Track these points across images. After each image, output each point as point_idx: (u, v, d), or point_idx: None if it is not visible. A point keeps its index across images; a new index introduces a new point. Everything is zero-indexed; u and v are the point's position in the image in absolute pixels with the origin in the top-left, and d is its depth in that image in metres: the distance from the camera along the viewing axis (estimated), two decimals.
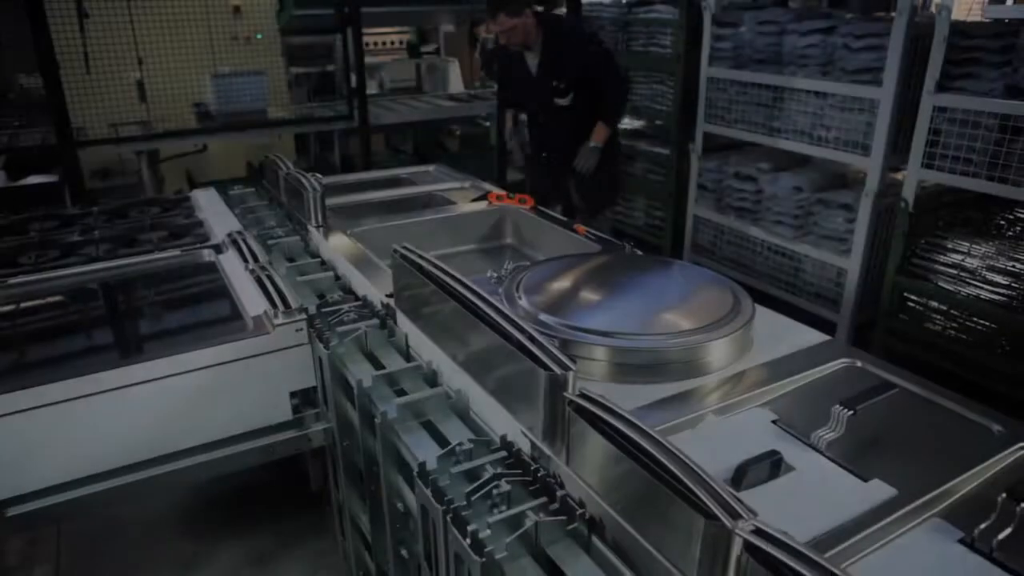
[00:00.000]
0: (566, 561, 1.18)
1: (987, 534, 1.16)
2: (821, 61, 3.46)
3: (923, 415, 1.52)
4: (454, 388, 1.63)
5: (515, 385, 1.42)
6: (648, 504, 1.11)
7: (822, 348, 1.77)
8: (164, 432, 1.85)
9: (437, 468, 1.35)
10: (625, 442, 1.15)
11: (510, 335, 1.41)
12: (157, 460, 1.84)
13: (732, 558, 0.98)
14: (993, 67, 2.87)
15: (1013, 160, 2.83)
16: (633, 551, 1.15)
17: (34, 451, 1.72)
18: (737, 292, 1.85)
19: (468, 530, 1.19)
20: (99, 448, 1.77)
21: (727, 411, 1.53)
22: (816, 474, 1.34)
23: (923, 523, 1.23)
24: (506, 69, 3.83)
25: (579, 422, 1.25)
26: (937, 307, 3.27)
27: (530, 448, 1.39)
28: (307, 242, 2.65)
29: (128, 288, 2.41)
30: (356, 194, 3.22)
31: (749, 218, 4.05)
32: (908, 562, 1.15)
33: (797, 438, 1.44)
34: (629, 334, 1.64)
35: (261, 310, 2.00)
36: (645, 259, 2.28)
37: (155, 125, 5.00)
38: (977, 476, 1.31)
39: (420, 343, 1.81)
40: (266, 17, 6.33)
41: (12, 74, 6.89)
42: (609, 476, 1.20)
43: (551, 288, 1.90)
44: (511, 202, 2.99)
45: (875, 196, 3.38)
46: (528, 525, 1.19)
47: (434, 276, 1.70)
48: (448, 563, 1.30)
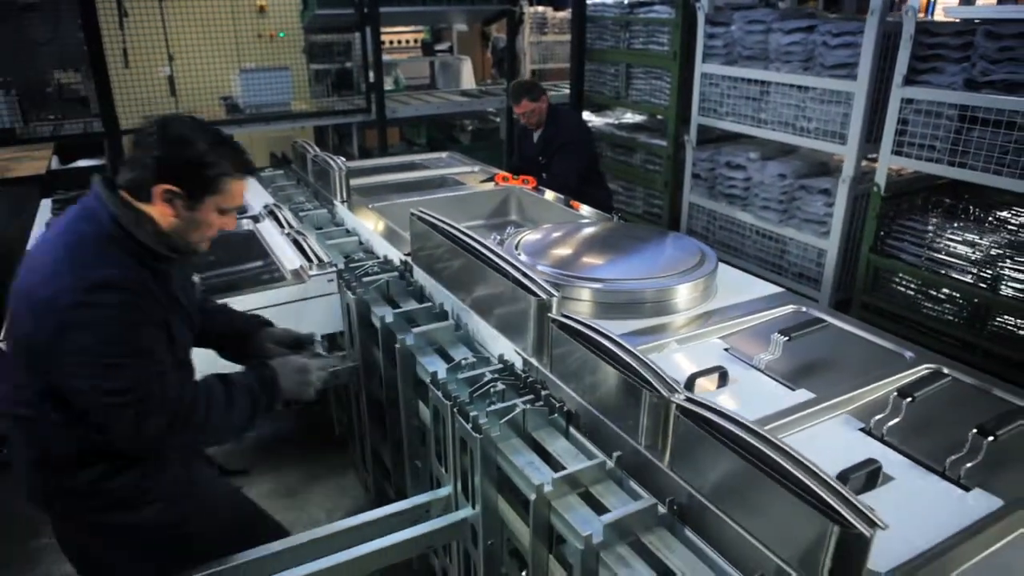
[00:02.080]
0: (548, 441, 1.50)
1: (880, 423, 1.47)
2: (802, 57, 3.76)
3: (849, 344, 1.83)
4: (461, 323, 1.96)
5: (511, 314, 1.74)
6: (613, 394, 1.43)
7: (775, 297, 2.08)
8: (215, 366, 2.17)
9: (446, 377, 1.68)
10: (597, 350, 1.47)
11: (507, 272, 1.74)
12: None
13: (670, 422, 1.29)
14: (954, 62, 3.15)
15: (971, 147, 3.12)
16: (600, 432, 1.47)
17: None
18: (704, 250, 2.16)
19: (470, 416, 1.51)
20: None
21: (687, 341, 1.84)
22: (754, 384, 1.65)
23: (834, 418, 1.54)
24: (520, 137, 4.38)
25: (561, 336, 1.56)
26: (906, 283, 3.56)
27: (522, 364, 1.71)
28: (333, 215, 2.98)
29: None
30: (376, 176, 3.56)
31: (739, 204, 4.34)
32: (819, 443, 1.46)
33: (743, 360, 1.75)
34: (609, 279, 1.96)
35: (297, 264, 2.33)
36: (628, 225, 2.59)
37: None
38: (883, 387, 1.61)
39: (434, 290, 2.13)
40: (289, 16, 6.70)
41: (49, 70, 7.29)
42: (584, 377, 1.52)
43: (546, 245, 2.22)
44: (516, 182, 3.31)
45: (851, 182, 3.66)
46: (517, 412, 1.50)
47: (446, 232, 2.03)
48: (455, 450, 1.62)
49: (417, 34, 8.73)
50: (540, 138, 4.06)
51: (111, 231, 1.42)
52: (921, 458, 1.39)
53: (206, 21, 5.63)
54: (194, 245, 1.55)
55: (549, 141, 3.99)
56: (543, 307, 1.61)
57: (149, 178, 1.43)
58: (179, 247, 1.52)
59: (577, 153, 3.98)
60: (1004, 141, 3.01)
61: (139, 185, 1.44)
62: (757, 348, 1.77)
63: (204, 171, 1.46)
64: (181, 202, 1.46)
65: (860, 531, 0.99)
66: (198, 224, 1.51)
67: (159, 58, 5.69)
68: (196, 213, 1.49)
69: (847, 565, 1.02)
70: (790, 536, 1.08)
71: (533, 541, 1.38)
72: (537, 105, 3.93)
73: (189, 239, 1.52)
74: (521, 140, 4.30)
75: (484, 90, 7.08)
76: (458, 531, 1.63)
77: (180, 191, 1.45)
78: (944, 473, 1.35)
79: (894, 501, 1.28)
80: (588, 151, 4.17)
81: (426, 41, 8.72)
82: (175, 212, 1.47)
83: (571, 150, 3.96)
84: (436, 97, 6.66)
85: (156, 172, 1.43)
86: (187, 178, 1.45)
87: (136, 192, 1.45)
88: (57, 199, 3.12)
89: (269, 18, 6.72)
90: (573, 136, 4.04)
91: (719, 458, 1.18)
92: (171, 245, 1.50)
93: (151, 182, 1.43)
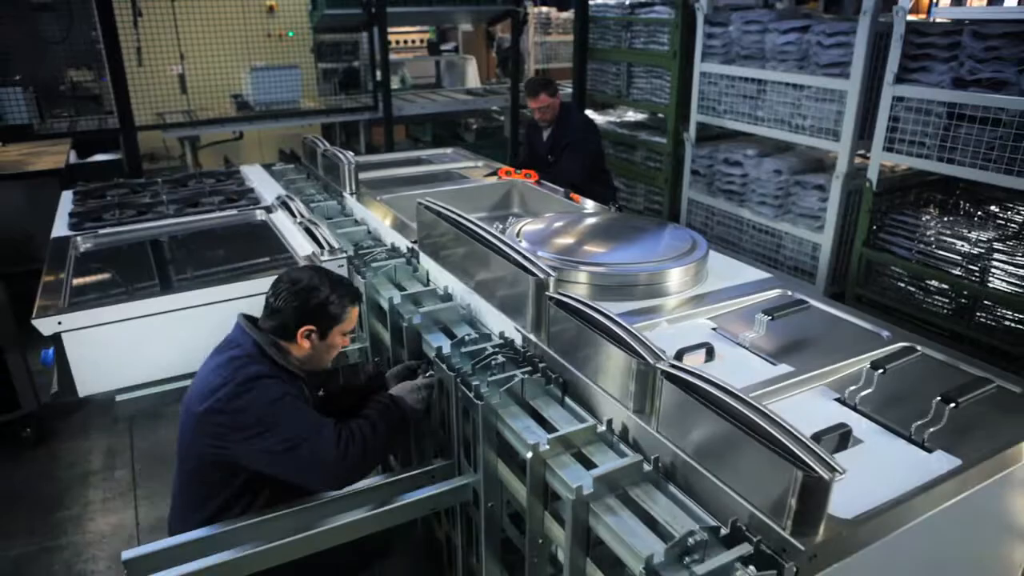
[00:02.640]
0: (544, 409, 1.61)
1: (853, 394, 1.58)
2: (797, 57, 3.87)
3: (830, 324, 1.94)
4: (463, 304, 2.08)
5: (511, 295, 1.86)
6: (604, 364, 1.54)
7: (763, 282, 2.19)
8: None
9: (450, 351, 1.79)
10: (590, 324, 1.58)
11: (508, 255, 1.85)
12: None
13: (656, 387, 1.41)
14: (943, 62, 3.25)
15: (959, 143, 3.22)
16: (593, 400, 1.58)
17: (135, 354, 2.18)
18: (696, 238, 2.27)
19: (472, 386, 1.63)
20: (183, 355, 2.22)
21: (677, 321, 1.96)
22: (738, 360, 1.76)
23: (811, 389, 1.65)
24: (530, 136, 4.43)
25: (557, 313, 1.68)
26: (898, 276, 3.66)
27: (521, 340, 1.83)
28: (343, 206, 3.10)
29: (198, 238, 2.86)
30: (383, 170, 3.68)
31: (736, 200, 4.45)
32: (796, 411, 1.56)
33: (728, 338, 1.86)
34: (606, 263, 2.07)
35: (310, 251, 2.45)
36: (624, 215, 2.71)
37: (195, 114, 5.49)
38: (859, 362, 1.72)
39: (439, 275, 2.25)
40: (298, 16, 6.83)
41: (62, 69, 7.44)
42: (579, 350, 1.63)
43: (546, 233, 2.34)
44: (518, 176, 3.43)
45: (844, 177, 3.77)
46: (515, 382, 1.62)
47: (451, 219, 2.15)
48: (458, 420, 1.74)
49: (423, 34, 8.86)
50: (549, 136, 4.17)
51: (253, 351, 1.77)
52: (889, 424, 1.50)
53: (216, 21, 5.76)
54: (324, 364, 1.93)
55: (558, 139, 4.09)
56: (541, 286, 1.73)
57: (291, 324, 1.80)
58: (314, 370, 1.91)
59: (585, 151, 4.08)
60: (991, 137, 3.12)
61: (284, 329, 1.81)
62: (743, 327, 1.88)
63: (330, 309, 1.83)
64: (316, 336, 1.83)
65: (821, 475, 1.10)
66: (329, 348, 1.89)
67: (171, 57, 5.83)
68: (327, 341, 1.86)
69: (810, 508, 1.13)
70: (761, 484, 1.19)
71: (530, 498, 1.50)
72: (553, 100, 4.04)
73: (322, 361, 1.91)
74: (531, 138, 4.40)
75: (489, 89, 7.20)
76: (461, 494, 1.75)
77: (315, 329, 1.82)
78: (910, 437, 1.46)
79: (862, 461, 1.39)
80: (595, 149, 4.26)
81: (432, 41, 8.86)
82: (311, 344, 1.83)
83: (579, 148, 4.06)
84: (441, 95, 6.78)
85: (297, 319, 1.79)
86: (319, 318, 1.81)
87: (282, 334, 1.82)
88: (78, 191, 3.24)
89: (278, 18, 6.85)
90: (581, 134, 4.13)
91: (699, 417, 1.30)
92: (307, 369, 1.87)
93: (293, 328, 1.80)
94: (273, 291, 1.84)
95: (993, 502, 1.45)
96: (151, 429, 3.16)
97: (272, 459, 1.66)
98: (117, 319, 2.14)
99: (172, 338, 2.20)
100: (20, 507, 2.68)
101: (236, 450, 1.68)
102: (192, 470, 1.81)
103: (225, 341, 1.84)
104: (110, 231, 2.80)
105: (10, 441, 2.99)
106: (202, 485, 1.78)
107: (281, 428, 1.66)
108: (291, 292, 1.80)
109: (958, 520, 1.38)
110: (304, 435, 1.66)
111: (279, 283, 1.84)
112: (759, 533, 1.18)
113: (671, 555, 1.15)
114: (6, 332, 2.86)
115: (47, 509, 2.67)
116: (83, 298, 2.20)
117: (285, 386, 1.74)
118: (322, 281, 1.84)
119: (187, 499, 1.80)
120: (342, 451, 1.67)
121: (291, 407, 1.69)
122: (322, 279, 1.85)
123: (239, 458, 1.69)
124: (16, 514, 2.64)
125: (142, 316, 2.16)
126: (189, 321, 2.21)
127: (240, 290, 2.27)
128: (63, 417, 3.24)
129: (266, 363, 1.76)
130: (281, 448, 1.64)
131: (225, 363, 1.74)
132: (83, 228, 2.79)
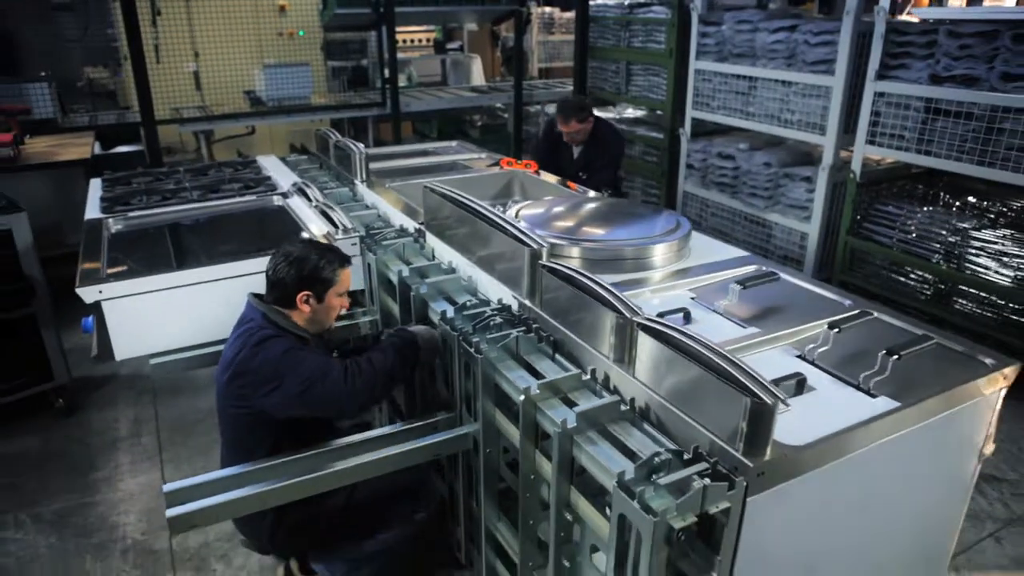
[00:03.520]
0: (536, 363, 1.81)
1: (812, 351, 1.78)
2: (786, 55, 4.06)
3: (797, 294, 2.13)
4: (466, 276, 2.28)
5: (509, 266, 2.06)
6: (589, 320, 1.74)
7: (741, 259, 2.39)
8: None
9: (454, 316, 2.00)
10: (577, 288, 1.78)
11: (506, 229, 2.06)
12: None
13: (635, 338, 1.61)
14: (920, 59, 3.45)
15: (935, 136, 3.41)
16: (579, 354, 1.78)
17: (166, 322, 2.39)
18: (680, 220, 2.47)
19: (473, 342, 1.83)
20: (209, 323, 2.43)
21: (660, 292, 2.15)
22: (711, 323, 1.96)
23: (775, 347, 1.85)
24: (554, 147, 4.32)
25: (549, 278, 1.88)
26: (880, 263, 3.85)
27: (517, 306, 2.03)
28: (354, 192, 3.31)
29: (219, 220, 3.07)
30: (391, 161, 3.88)
31: (729, 192, 4.65)
32: (760, 365, 1.74)
33: (705, 306, 2.06)
34: (596, 240, 2.27)
35: (325, 231, 2.66)
36: (614, 200, 2.91)
37: (210, 110, 5.71)
38: (819, 325, 1.91)
39: (443, 251, 2.46)
40: (309, 15, 7.05)
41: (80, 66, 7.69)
42: (568, 313, 1.83)
43: (543, 214, 2.54)
44: (519, 166, 3.63)
45: (830, 169, 3.96)
46: (511, 339, 1.82)
47: (456, 200, 2.35)
48: (460, 376, 1.95)
49: (429, 33, 9.08)
50: (581, 154, 4.12)
51: (263, 323, 1.97)
52: (841, 375, 1.70)
53: (230, 20, 5.98)
54: (327, 325, 2.14)
55: (592, 159, 4.05)
56: (535, 256, 1.93)
57: (291, 292, 2.00)
58: (318, 330, 2.11)
59: (618, 165, 4.15)
60: (964, 130, 3.31)
61: (285, 298, 2.01)
62: (718, 297, 2.07)
63: (322, 273, 2.01)
64: (314, 299, 2.02)
65: (766, 401, 1.30)
66: (328, 309, 2.08)
67: (186, 54, 6.06)
68: (325, 303, 2.05)
69: (757, 431, 1.33)
70: (719, 415, 1.39)
71: (522, 439, 1.70)
72: (584, 127, 4.01)
73: (324, 323, 2.11)
74: (558, 151, 4.25)
75: (493, 87, 7.41)
76: (462, 443, 1.95)
77: (311, 293, 2.01)
78: (858, 386, 1.65)
79: (813, 404, 1.59)
80: (621, 158, 4.29)
81: (438, 40, 9.07)
82: (311, 308, 2.03)
83: (611, 164, 4.08)
84: (447, 93, 6.99)
85: (294, 286, 1.99)
86: (314, 283, 2.00)
87: (284, 303, 2.02)
88: (106, 178, 3.45)
89: (289, 17, 7.08)
90: (614, 151, 4.14)
91: (670, 362, 1.50)
92: (313, 332, 2.07)
93: (292, 295, 2.00)
94: (271, 266, 2.03)
95: (928, 441, 1.64)
96: (173, 401, 3.37)
97: (292, 402, 1.87)
98: (151, 289, 2.34)
99: (199, 308, 2.41)
100: (57, 468, 2.90)
101: (261, 404, 1.89)
102: (231, 437, 2.05)
103: (239, 319, 2.06)
104: (138, 214, 3.01)
105: (44, 410, 3.21)
106: (240, 450, 1.99)
107: (294, 374, 1.86)
108: (286, 263, 2.00)
109: (897, 456, 1.57)
110: (314, 376, 1.87)
111: (275, 258, 2.04)
112: (717, 456, 1.38)
113: (640, 472, 1.35)
114: (43, 309, 3.08)
115: (81, 470, 2.89)
116: (119, 270, 2.42)
117: (292, 342, 1.95)
118: (312, 250, 2.05)
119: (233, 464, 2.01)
120: (350, 384, 1.89)
121: (299, 356, 1.90)
122: (312, 248, 2.06)
123: (265, 411, 1.89)
124: (54, 474, 2.86)
125: (173, 287, 2.37)
126: (214, 292, 2.41)
127: (260, 265, 2.44)
128: (92, 390, 3.45)
129: (274, 328, 1.97)
130: (297, 391, 1.85)
131: (240, 335, 1.98)
132: (114, 211, 3.00)
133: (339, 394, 1.89)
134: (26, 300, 3.03)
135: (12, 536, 2.54)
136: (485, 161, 3.87)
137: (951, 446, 1.74)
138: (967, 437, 1.76)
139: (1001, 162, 3.18)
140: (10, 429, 3.12)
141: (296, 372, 1.87)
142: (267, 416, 1.92)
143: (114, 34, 7.10)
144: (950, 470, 1.81)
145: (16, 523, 2.61)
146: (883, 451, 1.54)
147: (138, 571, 2.40)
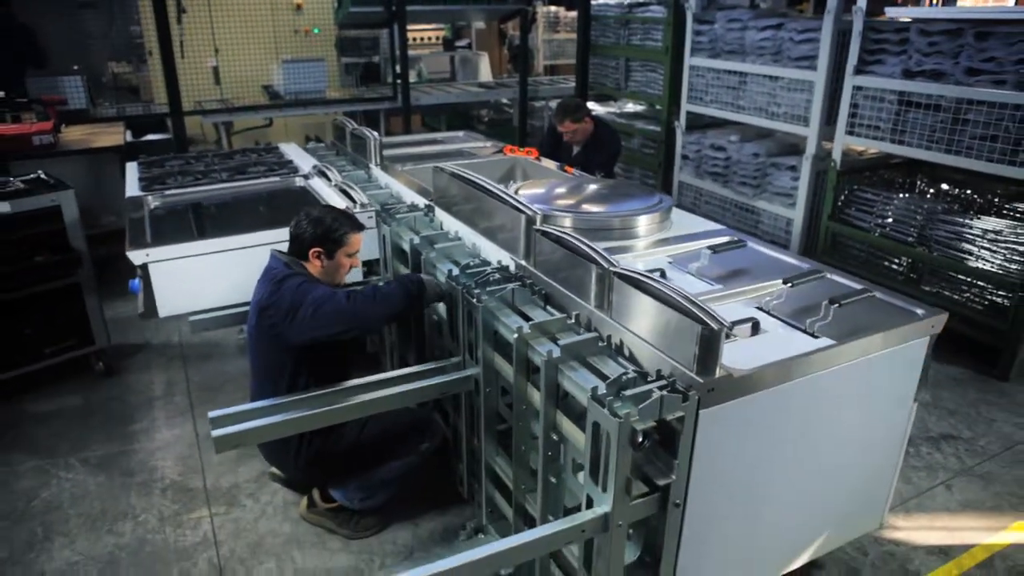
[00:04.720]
0: (530, 312, 2.10)
1: (768, 303, 2.06)
2: (773, 51, 4.33)
3: (761, 259, 2.41)
4: (470, 243, 2.57)
5: (508, 235, 2.35)
6: (574, 274, 2.02)
7: (717, 231, 2.66)
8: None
9: (459, 274, 2.29)
10: (565, 247, 2.06)
11: (505, 200, 2.34)
12: None
13: (612, 285, 1.89)
14: (894, 55, 3.71)
15: (908, 127, 3.68)
16: (566, 305, 2.07)
17: (204, 283, 2.69)
18: (663, 197, 2.75)
19: (474, 293, 2.12)
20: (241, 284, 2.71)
21: (642, 257, 2.43)
22: (684, 281, 2.24)
23: (738, 301, 2.13)
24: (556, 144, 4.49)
25: (542, 240, 2.17)
26: (859, 247, 4.11)
27: (514, 267, 2.32)
28: (369, 175, 3.61)
29: (248, 198, 3.37)
30: (403, 148, 4.18)
31: (720, 181, 4.92)
32: (724, 312, 2.03)
33: (679, 268, 2.34)
34: (587, 212, 2.56)
35: (344, 206, 2.95)
36: (605, 180, 3.19)
37: (230, 103, 6.03)
38: (777, 284, 2.19)
39: (450, 223, 2.75)
40: (323, 13, 7.37)
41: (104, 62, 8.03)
42: (558, 271, 2.11)
43: (541, 192, 2.82)
44: (521, 153, 3.92)
45: (813, 159, 4.23)
46: (507, 291, 2.11)
47: (463, 178, 2.64)
48: (463, 326, 2.23)
49: (439, 31, 9.38)
50: (580, 153, 4.31)
51: (281, 268, 2.31)
52: (791, 321, 1.98)
53: (248, 18, 6.29)
54: (336, 281, 2.43)
55: (590, 158, 4.22)
56: (530, 221, 2.22)
57: (305, 246, 2.35)
58: (329, 284, 2.37)
59: (611, 166, 4.38)
60: (934, 121, 3.58)
61: (300, 251, 2.36)
62: (692, 261, 2.35)
63: (334, 234, 2.35)
64: (324, 256, 2.35)
65: (713, 327, 1.58)
66: (337, 267, 2.40)
67: (207, 50, 6.37)
68: (335, 260, 2.38)
69: (708, 354, 1.61)
70: (677, 343, 1.67)
71: (516, 374, 1.98)
72: (580, 126, 4.16)
73: (334, 278, 2.42)
74: (559, 149, 4.38)
75: (500, 83, 7.70)
76: (465, 384, 2.24)
77: (322, 250, 2.34)
78: (804, 329, 1.93)
79: (764, 343, 1.87)
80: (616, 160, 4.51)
81: (447, 38, 9.37)
82: (322, 264, 2.36)
83: (607, 163, 4.29)
84: (456, 88, 7.29)
85: (309, 242, 2.34)
86: (325, 241, 2.33)
87: (299, 255, 2.37)
88: (142, 162, 3.77)
89: (305, 15, 7.40)
90: (611, 150, 4.34)
91: (640, 303, 1.78)
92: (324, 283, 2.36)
93: (306, 249, 2.34)
94: (294, 222, 2.39)
95: (863, 379, 1.92)
96: (203, 365, 3.68)
97: (307, 325, 2.18)
98: (192, 254, 2.65)
99: (232, 271, 2.71)
100: (99, 422, 3.21)
101: (287, 332, 2.20)
102: (260, 367, 2.34)
103: (264, 270, 2.39)
104: (174, 192, 3.32)
105: (86, 372, 3.52)
106: (267, 378, 2.30)
107: (306, 299, 2.19)
108: (305, 221, 2.35)
109: (833, 389, 1.85)
110: (322, 299, 2.20)
111: (297, 216, 2.39)
112: (677, 378, 1.66)
113: (610, 388, 1.63)
114: (88, 279, 3.39)
115: (121, 423, 3.19)
116: (162, 237, 2.72)
117: (306, 278, 2.28)
118: (328, 213, 2.39)
119: (261, 392, 2.31)
120: (352, 303, 2.23)
121: (309, 287, 2.23)
122: (329, 212, 2.41)
123: (290, 338, 2.20)
124: (97, 427, 3.17)
125: (210, 253, 2.67)
126: (246, 257, 2.71)
127: (285, 235, 2.74)
128: (128, 356, 3.76)
129: (291, 270, 2.30)
130: (311, 313, 2.17)
131: (264, 280, 2.34)
132: (152, 189, 3.31)
133: (344, 311, 2.20)
134: (72, 270, 3.33)
135: (65, 475, 2.85)
136: (490, 149, 4.16)
137: (884, 387, 2.01)
138: (899, 379, 2.03)
139: (966, 150, 3.45)
140: (56, 388, 3.43)
141: (308, 297, 2.20)
142: (290, 344, 2.22)
143: (138, 31, 7.45)
144: (885, 411, 2.08)
145: (67, 465, 2.91)
146: (821, 383, 1.81)
147: (177, 505, 2.70)
